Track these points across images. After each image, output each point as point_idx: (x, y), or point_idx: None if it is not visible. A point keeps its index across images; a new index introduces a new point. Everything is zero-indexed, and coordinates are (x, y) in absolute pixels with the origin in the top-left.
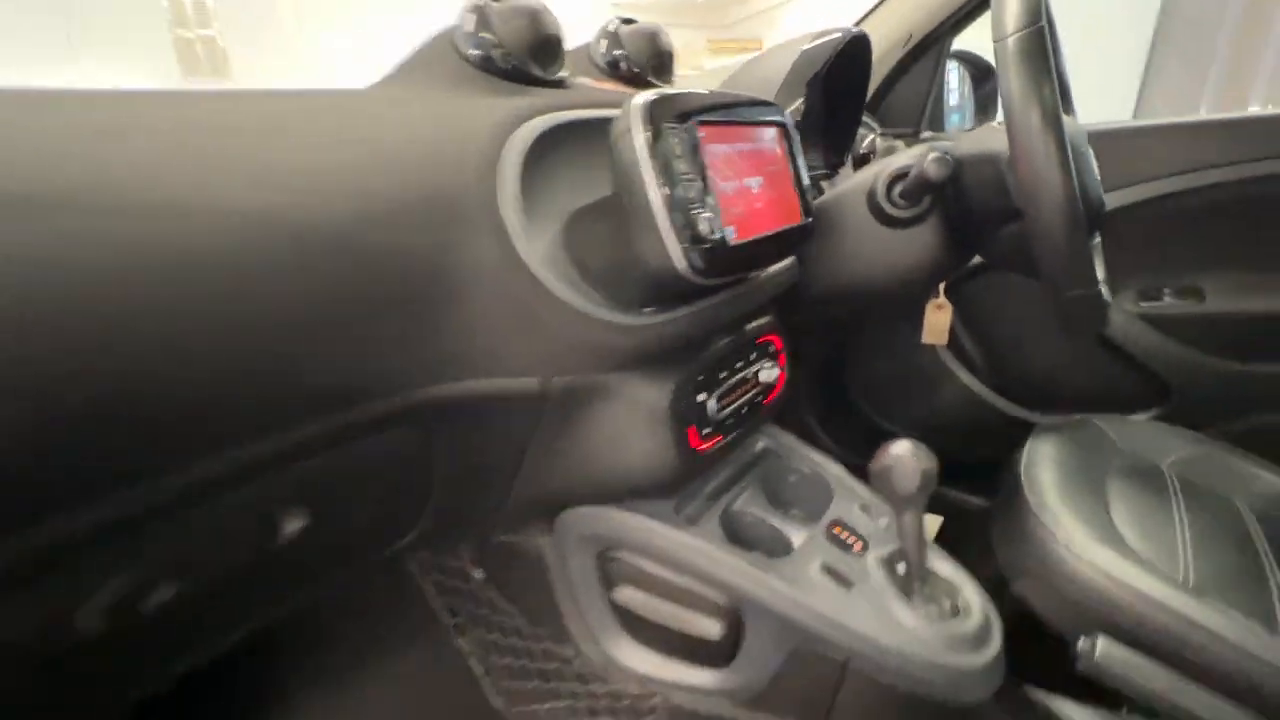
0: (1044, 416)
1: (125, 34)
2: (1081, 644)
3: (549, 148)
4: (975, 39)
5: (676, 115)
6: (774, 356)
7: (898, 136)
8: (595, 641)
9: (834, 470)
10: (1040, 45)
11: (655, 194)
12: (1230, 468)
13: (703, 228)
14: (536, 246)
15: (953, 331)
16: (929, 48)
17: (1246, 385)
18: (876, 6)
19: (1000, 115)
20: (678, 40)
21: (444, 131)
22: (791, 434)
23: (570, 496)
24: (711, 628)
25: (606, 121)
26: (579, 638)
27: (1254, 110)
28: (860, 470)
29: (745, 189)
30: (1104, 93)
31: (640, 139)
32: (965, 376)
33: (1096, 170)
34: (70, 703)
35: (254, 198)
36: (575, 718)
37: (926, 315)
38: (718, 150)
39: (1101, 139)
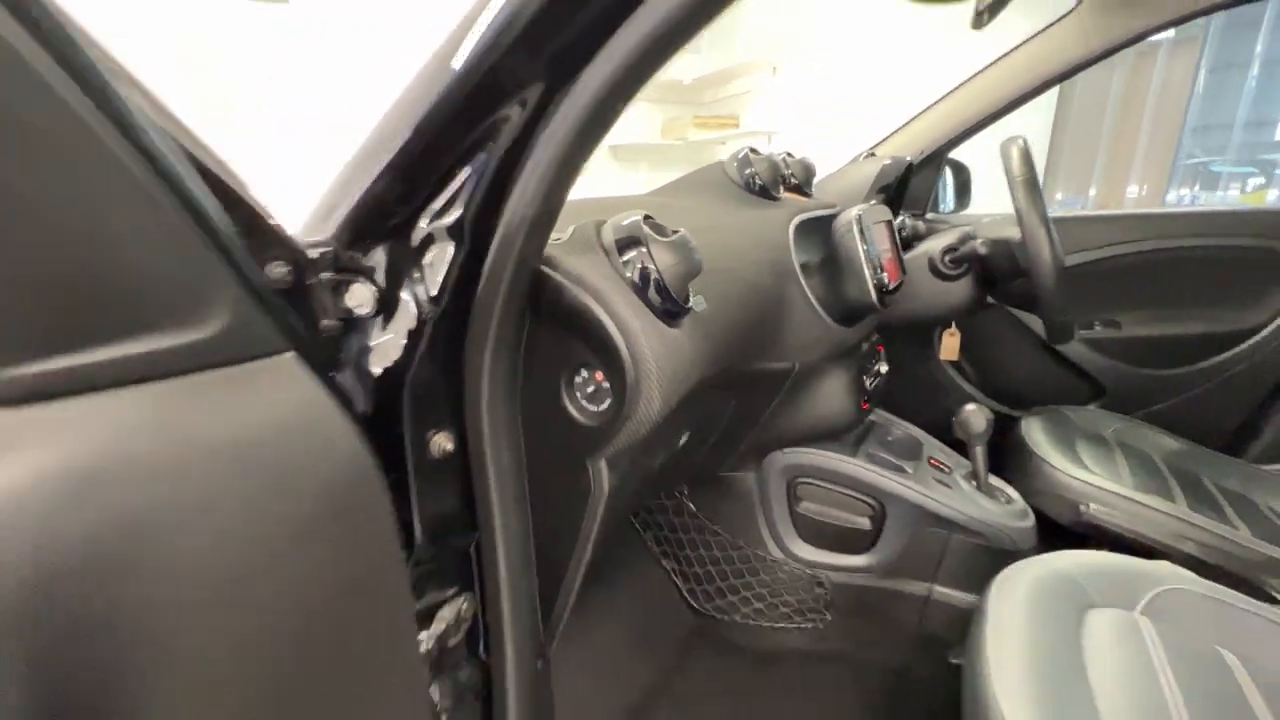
0: (1022, 412)
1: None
2: (1081, 509)
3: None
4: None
5: (869, 220)
6: (883, 356)
7: (913, 216)
8: (781, 542)
9: (917, 432)
10: (1033, 179)
11: (861, 259)
12: (1144, 433)
13: (881, 278)
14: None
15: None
16: (935, 159)
17: (1153, 383)
18: (899, 130)
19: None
20: (668, 115)
21: (762, 222)
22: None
23: (780, 442)
24: (864, 522)
25: (825, 218)
26: (770, 541)
27: (1149, 209)
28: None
29: (890, 258)
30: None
31: (855, 230)
32: (965, 385)
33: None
34: None
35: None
36: (765, 599)
37: (944, 339)
38: (879, 235)
39: (1060, 223)
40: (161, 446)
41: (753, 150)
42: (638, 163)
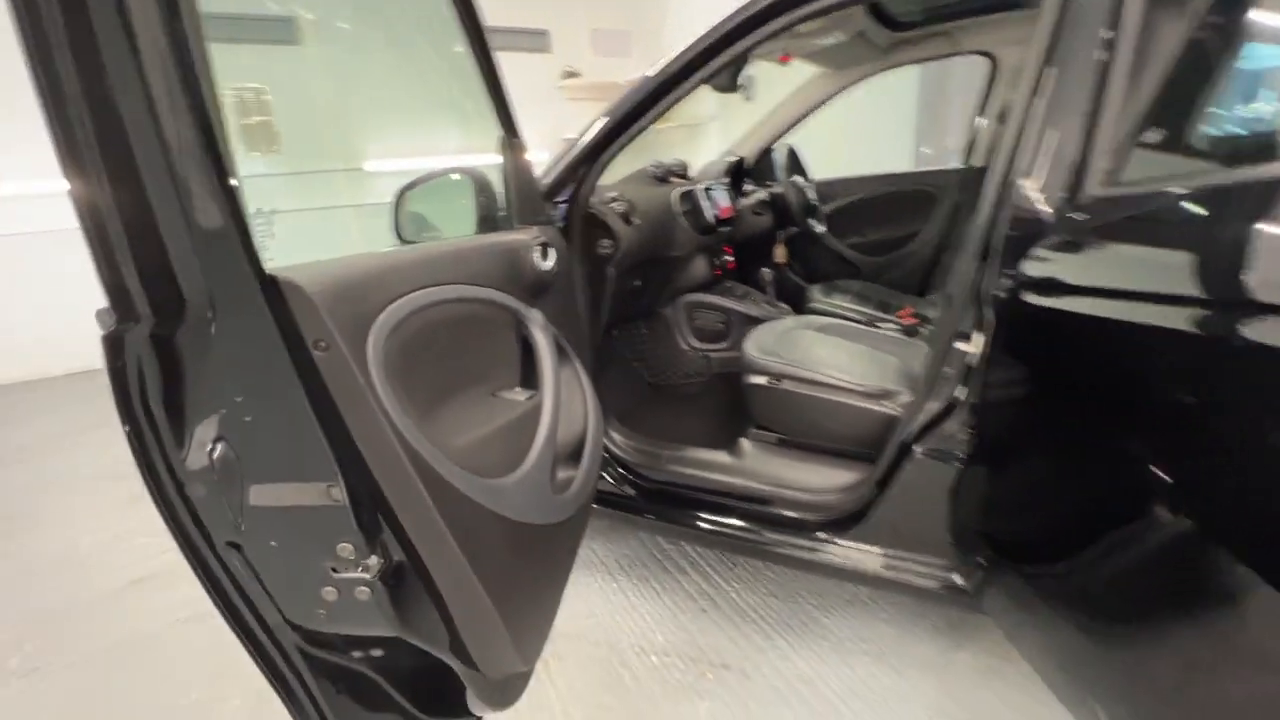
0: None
1: None
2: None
3: None
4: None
5: (713, 188)
6: (725, 254)
7: (764, 186)
8: (687, 340)
9: (753, 291)
10: (794, 167)
11: (701, 205)
12: (870, 289)
13: (716, 214)
14: None
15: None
16: (767, 151)
17: (880, 264)
18: (746, 135)
19: (806, 174)
20: None
21: (663, 193)
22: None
23: (680, 291)
24: (721, 327)
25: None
26: (680, 340)
27: (869, 173)
28: None
29: (726, 205)
30: (898, 147)
31: (699, 191)
32: (790, 274)
33: (810, 193)
34: None
35: None
36: (680, 370)
37: (776, 248)
38: (719, 195)
39: (830, 182)
40: None
41: (656, 162)
42: None
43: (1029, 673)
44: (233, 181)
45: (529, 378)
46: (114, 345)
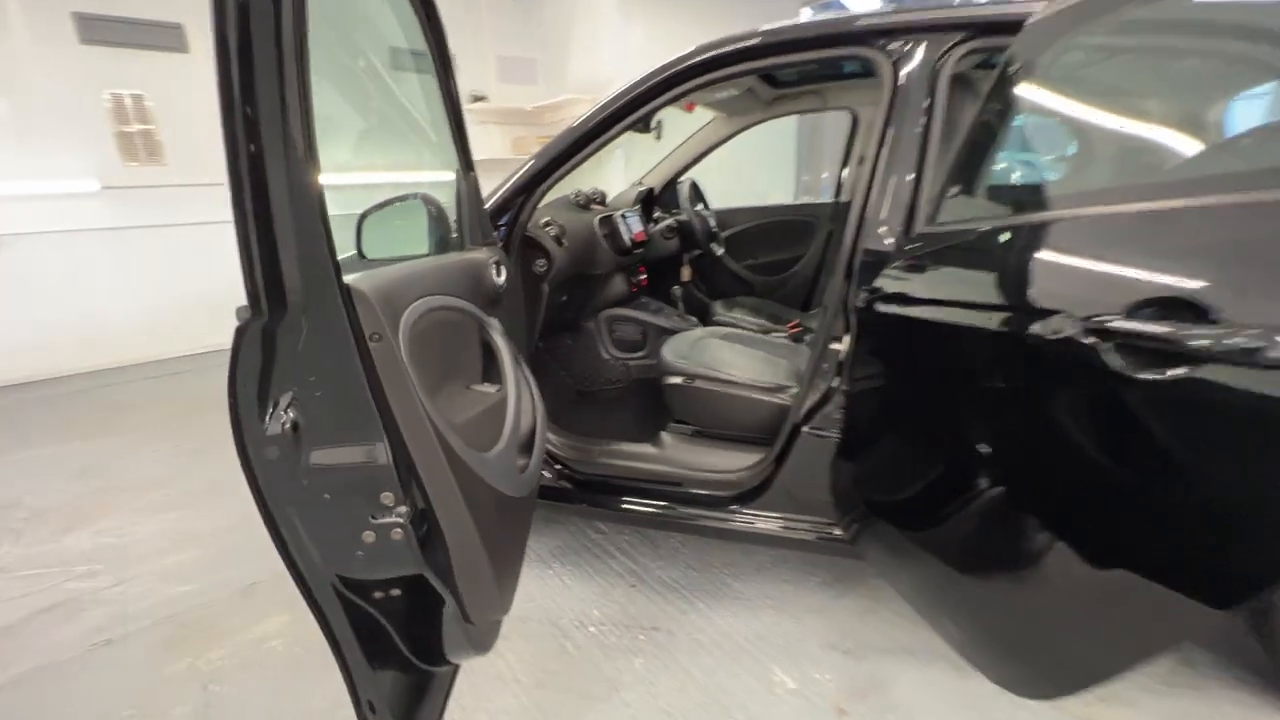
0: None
1: (70, 130)
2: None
3: None
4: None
5: (628, 214)
6: (641, 273)
7: (671, 213)
8: (608, 350)
9: (664, 306)
10: (695, 196)
11: (620, 230)
12: (760, 304)
13: (632, 238)
14: None
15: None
16: (672, 182)
17: (770, 283)
18: (654, 167)
19: (706, 204)
20: (516, 134)
21: (586, 218)
22: None
23: (601, 307)
24: (639, 338)
25: (609, 214)
26: (603, 351)
27: (759, 204)
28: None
29: (639, 229)
30: (781, 181)
31: (617, 218)
32: (696, 291)
33: (711, 221)
34: None
35: None
36: (601, 376)
37: (682, 268)
38: (634, 220)
39: (724, 211)
40: None
41: (577, 191)
42: (494, 173)
43: (898, 610)
44: (330, 217)
45: (490, 375)
46: (241, 335)
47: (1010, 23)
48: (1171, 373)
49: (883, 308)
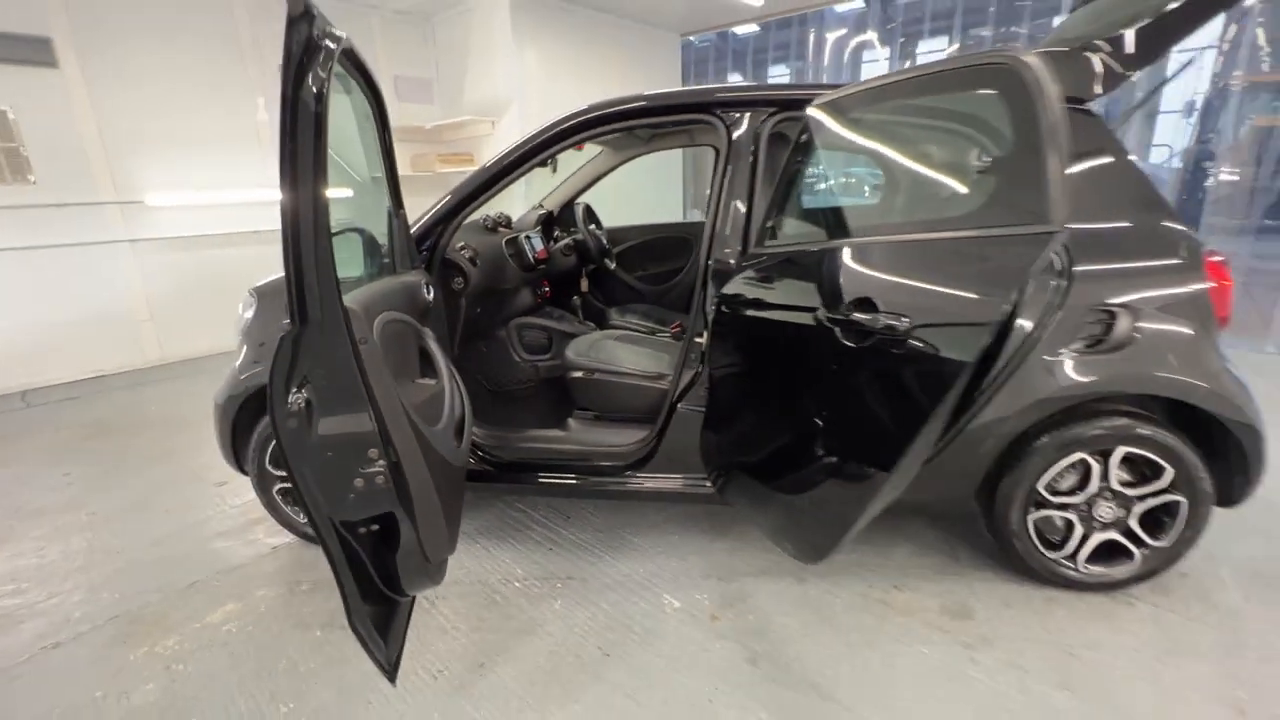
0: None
1: None
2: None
3: None
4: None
5: (531, 235)
6: (544, 286)
7: (570, 233)
8: (519, 353)
9: (567, 314)
10: (591, 220)
11: (524, 249)
12: (650, 309)
13: (535, 255)
14: None
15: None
16: (569, 205)
17: (658, 291)
18: (554, 189)
19: (600, 225)
20: (415, 151)
21: (495, 240)
22: None
23: (512, 316)
24: (546, 342)
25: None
26: (513, 354)
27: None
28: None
29: (542, 248)
30: (674, 202)
31: (522, 239)
32: (594, 300)
33: (603, 238)
34: None
35: None
36: (514, 379)
37: (581, 280)
38: (537, 239)
39: (616, 229)
40: None
41: (485, 215)
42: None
43: (759, 547)
44: (336, 262)
45: (427, 373)
46: (282, 342)
47: (804, 101)
48: (865, 343)
49: (727, 309)
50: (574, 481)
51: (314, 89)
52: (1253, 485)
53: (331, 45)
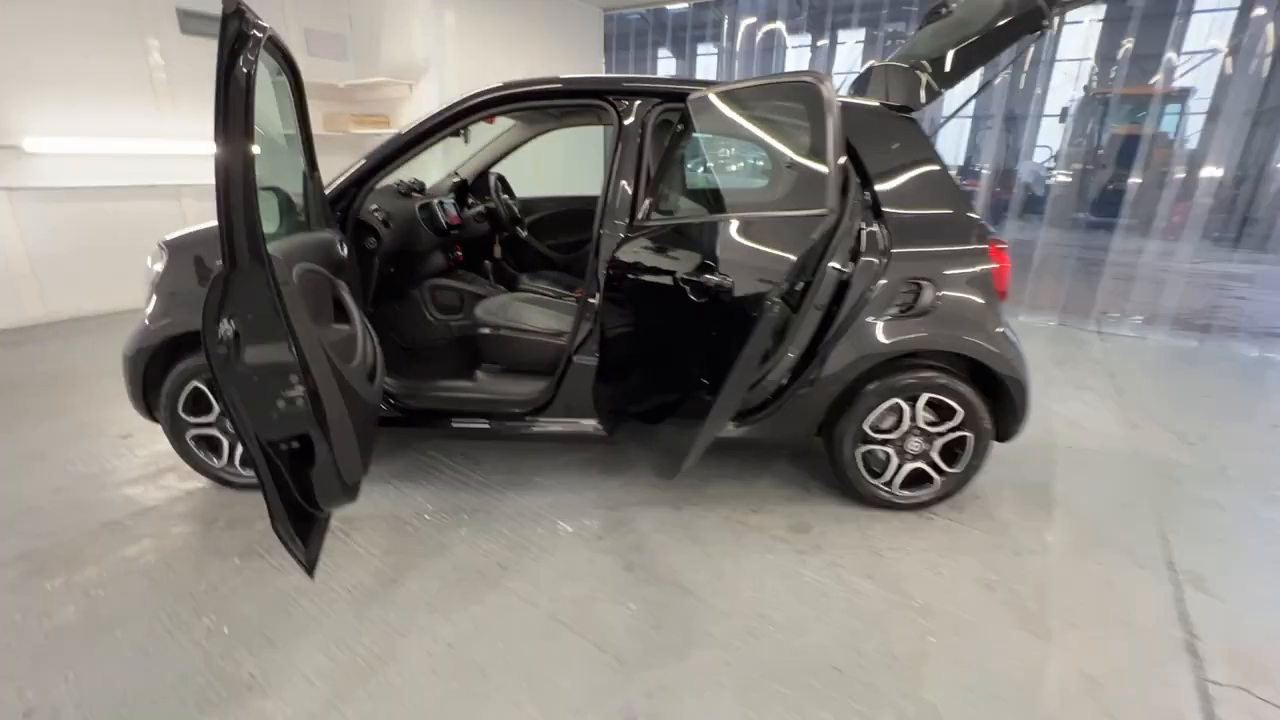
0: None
1: None
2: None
3: None
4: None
5: (445, 201)
6: (456, 250)
7: (485, 200)
8: (432, 313)
9: (480, 278)
10: (505, 192)
11: (437, 215)
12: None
13: (449, 220)
14: None
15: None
16: (484, 174)
17: (570, 259)
18: (470, 157)
19: (513, 195)
20: (327, 110)
21: (409, 206)
22: None
23: (425, 277)
24: (457, 302)
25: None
26: (427, 313)
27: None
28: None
29: (454, 213)
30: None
31: (434, 205)
32: (506, 265)
33: (515, 208)
34: None
35: None
36: (430, 337)
37: (495, 245)
38: (449, 206)
39: (532, 200)
40: None
41: (400, 180)
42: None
43: (644, 483)
44: (260, 212)
45: (340, 320)
46: (214, 280)
47: (685, 94)
48: (703, 299)
49: (614, 272)
50: (484, 426)
51: (244, 70)
52: (1020, 425)
53: (259, 35)
